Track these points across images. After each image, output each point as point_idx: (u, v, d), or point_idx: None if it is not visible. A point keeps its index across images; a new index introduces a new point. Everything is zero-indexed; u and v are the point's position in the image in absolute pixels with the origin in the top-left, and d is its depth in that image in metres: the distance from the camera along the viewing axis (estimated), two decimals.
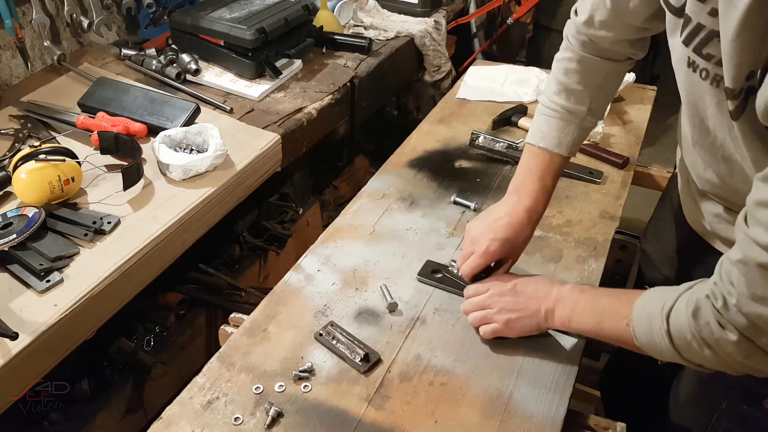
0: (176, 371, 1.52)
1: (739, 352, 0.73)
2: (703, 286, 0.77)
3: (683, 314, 0.77)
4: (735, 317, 0.71)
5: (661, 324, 0.79)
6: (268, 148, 1.49)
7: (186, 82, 1.72)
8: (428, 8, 2.21)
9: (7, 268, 1.13)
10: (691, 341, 0.76)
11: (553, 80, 1.09)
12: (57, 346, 1.06)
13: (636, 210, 2.45)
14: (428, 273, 1.15)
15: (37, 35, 1.66)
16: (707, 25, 0.75)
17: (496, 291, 1.01)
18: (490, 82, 1.80)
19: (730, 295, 0.71)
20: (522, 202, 1.05)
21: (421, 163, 1.48)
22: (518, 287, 1.00)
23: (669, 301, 0.79)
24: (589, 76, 1.06)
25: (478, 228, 1.06)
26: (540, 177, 1.07)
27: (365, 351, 0.99)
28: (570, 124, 1.07)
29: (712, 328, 0.74)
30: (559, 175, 1.09)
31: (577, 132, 1.07)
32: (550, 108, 1.08)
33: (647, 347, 0.83)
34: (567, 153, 1.07)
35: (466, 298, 1.05)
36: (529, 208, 1.05)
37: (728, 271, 0.72)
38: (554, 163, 1.07)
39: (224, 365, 0.99)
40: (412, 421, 0.90)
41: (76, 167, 1.27)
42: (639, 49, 1.06)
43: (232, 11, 1.74)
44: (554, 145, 1.07)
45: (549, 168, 1.07)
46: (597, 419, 0.97)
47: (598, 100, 1.07)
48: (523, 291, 1.00)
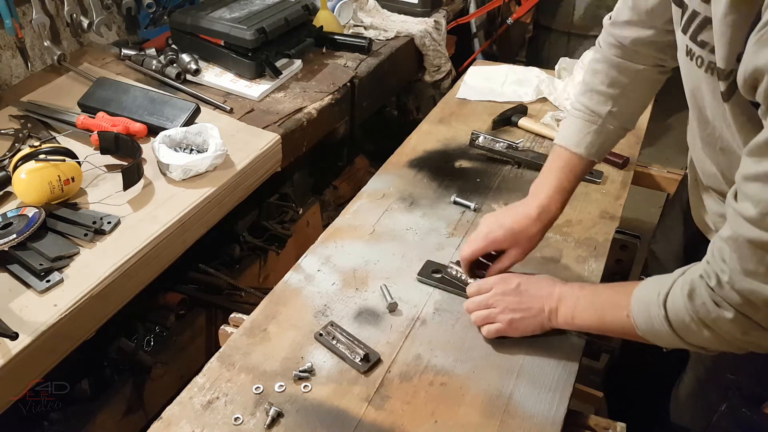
0: (176, 371, 1.52)
1: (737, 329, 0.73)
2: (696, 267, 0.77)
3: (679, 297, 0.77)
4: (729, 294, 0.72)
5: (659, 310, 0.79)
6: (268, 148, 1.49)
7: (186, 82, 1.72)
8: (428, 8, 2.21)
9: (7, 268, 1.13)
10: (689, 324, 0.77)
11: (582, 83, 1.09)
12: (57, 346, 1.06)
13: (636, 210, 2.45)
14: (428, 273, 1.15)
15: (37, 35, 1.66)
16: (701, 12, 0.76)
17: (499, 290, 1.01)
18: (490, 82, 1.80)
19: (722, 273, 0.72)
20: (536, 199, 1.05)
21: (421, 163, 1.48)
22: (522, 286, 1.00)
23: (665, 287, 0.80)
24: (613, 78, 1.05)
25: (488, 218, 1.07)
26: (556, 176, 1.06)
27: (365, 351, 0.99)
28: (591, 125, 1.06)
29: (708, 308, 0.74)
30: (579, 177, 1.08)
31: (598, 134, 1.06)
32: (575, 108, 1.09)
33: (649, 335, 0.84)
34: (585, 154, 1.06)
35: (469, 296, 1.05)
36: (541, 205, 1.04)
37: (720, 249, 0.72)
38: (573, 163, 1.06)
39: (224, 365, 0.99)
40: (412, 421, 0.90)
41: (76, 167, 1.27)
42: (669, 56, 1.03)
43: (232, 11, 1.74)
44: (573, 144, 1.06)
45: (566, 168, 1.06)
46: (597, 419, 0.97)
47: (621, 104, 1.06)
48: (527, 290, 1.00)
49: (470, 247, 1.06)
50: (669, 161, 1.40)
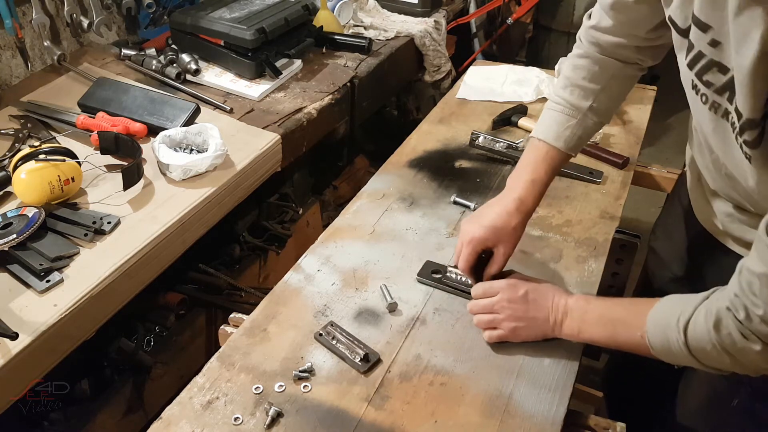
0: (176, 371, 1.52)
1: (763, 360, 0.74)
2: (721, 295, 0.77)
3: (702, 326, 0.77)
4: (759, 327, 0.72)
5: (678, 336, 0.80)
6: (268, 148, 1.49)
7: (186, 82, 1.72)
8: (428, 8, 2.21)
9: (7, 268, 1.13)
10: (711, 351, 0.77)
11: (562, 76, 1.10)
12: (57, 346, 1.06)
13: (636, 210, 2.45)
14: (428, 274, 1.15)
15: (37, 35, 1.66)
16: (707, 54, 0.75)
17: (506, 296, 1.00)
18: (490, 82, 1.80)
19: (755, 306, 0.72)
20: (513, 192, 1.05)
21: (421, 163, 1.48)
22: (530, 295, 0.99)
23: (685, 312, 0.80)
24: (595, 74, 1.06)
25: (467, 223, 1.07)
26: (533, 169, 1.06)
27: (365, 351, 0.99)
28: (571, 119, 1.06)
29: (734, 339, 0.75)
30: (555, 170, 1.08)
31: (577, 128, 1.07)
32: (555, 102, 1.09)
33: (663, 356, 0.85)
34: (564, 148, 1.06)
35: (473, 297, 1.05)
36: (518, 197, 1.05)
37: (749, 282, 0.72)
38: (550, 156, 1.07)
39: (224, 365, 0.99)
40: (412, 421, 0.90)
41: (76, 167, 1.27)
42: (647, 57, 1.06)
43: (232, 11, 1.74)
44: (553, 138, 1.06)
45: (544, 161, 1.06)
46: (597, 419, 0.97)
47: (601, 99, 1.07)
48: (535, 300, 0.99)
49: (462, 260, 1.05)
50: (669, 161, 1.40)
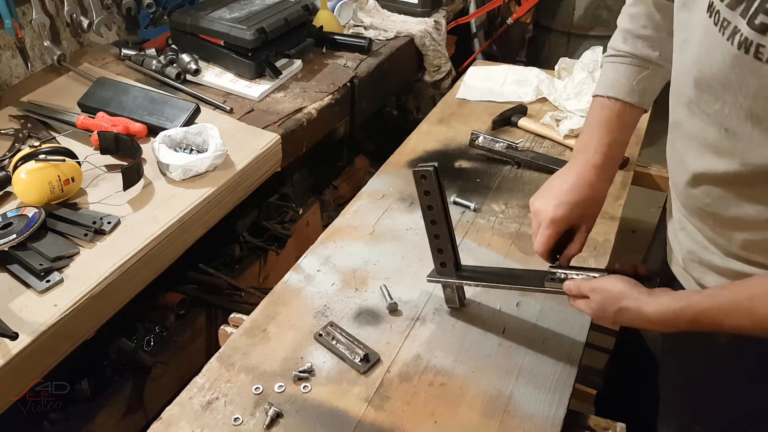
0: (176, 371, 1.52)
1: None
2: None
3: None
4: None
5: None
6: (268, 148, 1.49)
7: (186, 82, 1.71)
8: (428, 8, 2.21)
9: (7, 268, 1.13)
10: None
11: (617, 33, 0.98)
12: (57, 346, 1.06)
13: (636, 210, 2.45)
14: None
15: (37, 35, 1.66)
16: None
17: (599, 305, 0.87)
18: (490, 83, 1.80)
19: None
20: (589, 159, 0.93)
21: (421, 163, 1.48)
22: (623, 316, 0.84)
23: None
24: (656, 18, 0.93)
25: (541, 198, 0.95)
26: (608, 130, 0.94)
27: (365, 351, 0.99)
28: (642, 71, 0.94)
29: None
30: (632, 130, 0.96)
31: (651, 79, 0.94)
32: (617, 56, 0.97)
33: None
34: (639, 102, 0.94)
35: (566, 291, 0.92)
36: (598, 164, 0.93)
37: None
38: (626, 114, 0.94)
39: (224, 365, 0.99)
40: (412, 422, 0.90)
41: (76, 167, 1.27)
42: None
43: (232, 11, 1.74)
44: (625, 93, 0.94)
45: (620, 120, 0.94)
46: (597, 419, 0.97)
47: (665, 49, 0.90)
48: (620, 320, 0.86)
49: (540, 242, 0.93)
50: None
